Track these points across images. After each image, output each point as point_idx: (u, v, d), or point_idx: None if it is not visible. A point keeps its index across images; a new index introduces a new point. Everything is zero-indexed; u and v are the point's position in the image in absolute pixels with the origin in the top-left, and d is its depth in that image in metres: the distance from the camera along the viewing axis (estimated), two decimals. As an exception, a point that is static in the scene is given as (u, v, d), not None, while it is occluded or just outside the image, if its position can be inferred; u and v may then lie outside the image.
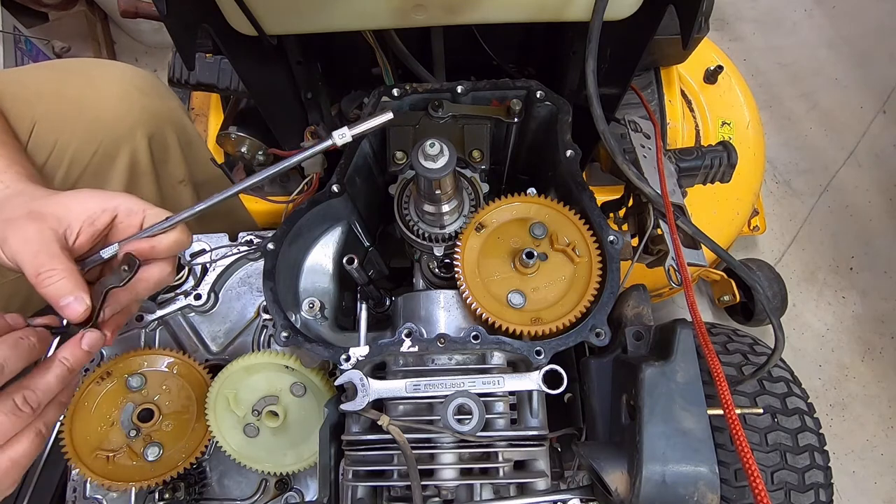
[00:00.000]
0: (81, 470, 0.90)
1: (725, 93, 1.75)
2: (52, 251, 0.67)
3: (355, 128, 0.75)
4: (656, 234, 0.88)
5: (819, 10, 2.57)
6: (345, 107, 1.35)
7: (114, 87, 1.05)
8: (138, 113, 1.07)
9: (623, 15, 0.89)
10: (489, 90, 0.94)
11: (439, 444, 0.79)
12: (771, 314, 0.82)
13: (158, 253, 0.75)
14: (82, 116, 1.02)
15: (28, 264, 0.67)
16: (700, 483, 0.67)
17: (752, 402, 1.03)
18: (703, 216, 1.63)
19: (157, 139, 1.12)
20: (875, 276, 2.13)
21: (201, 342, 1.05)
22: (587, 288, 0.81)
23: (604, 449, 0.75)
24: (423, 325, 0.86)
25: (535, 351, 0.77)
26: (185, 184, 1.23)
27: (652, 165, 0.92)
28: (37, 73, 1.05)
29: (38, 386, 0.62)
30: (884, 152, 2.31)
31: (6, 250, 0.69)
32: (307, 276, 0.96)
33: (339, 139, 0.75)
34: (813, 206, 2.24)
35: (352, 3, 0.85)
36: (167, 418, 0.95)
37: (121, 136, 1.06)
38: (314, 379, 0.93)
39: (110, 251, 0.73)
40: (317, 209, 0.90)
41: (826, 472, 1.01)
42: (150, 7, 1.27)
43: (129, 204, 0.74)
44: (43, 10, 2.19)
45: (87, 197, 0.74)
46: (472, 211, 0.90)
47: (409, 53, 1.09)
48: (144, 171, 1.11)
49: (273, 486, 1.00)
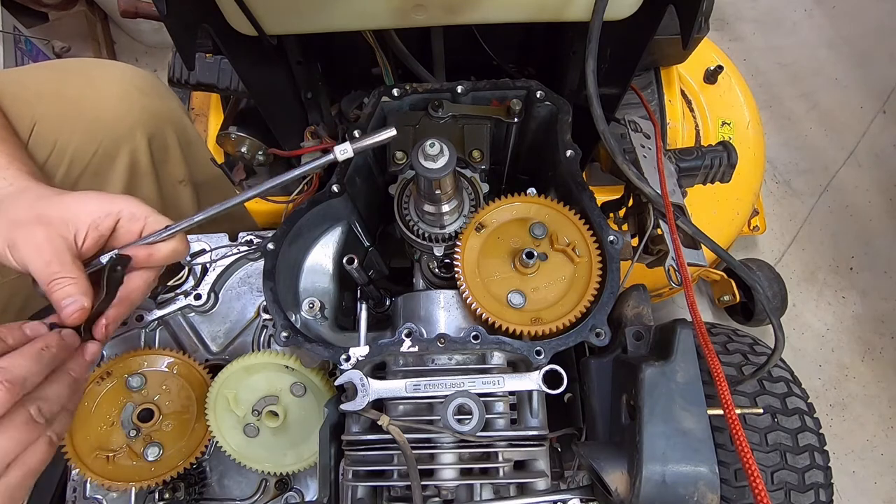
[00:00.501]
0: (81, 470, 0.91)
1: (725, 93, 1.75)
2: (65, 259, 0.69)
3: (357, 143, 0.75)
4: (656, 234, 0.88)
5: (819, 10, 2.57)
6: (345, 107, 1.35)
7: (114, 87, 1.05)
8: (138, 113, 1.07)
9: (623, 15, 0.89)
10: (489, 90, 0.94)
11: (439, 444, 0.79)
12: (771, 314, 0.82)
13: (155, 261, 0.76)
14: (82, 116, 1.02)
15: (42, 272, 0.68)
16: (700, 483, 0.67)
17: (752, 402, 1.03)
18: (703, 216, 1.63)
19: (157, 139, 1.12)
20: (875, 276, 2.13)
21: (201, 342, 1.05)
22: (587, 288, 0.81)
23: (604, 449, 0.75)
24: (423, 325, 0.86)
25: (535, 351, 0.77)
26: (185, 184, 1.22)
27: (652, 165, 0.92)
28: (37, 73, 1.05)
29: (50, 397, 0.62)
30: (884, 152, 2.31)
31: (15, 255, 0.70)
32: (307, 276, 0.96)
33: (340, 154, 0.76)
34: (813, 206, 2.24)
35: (352, 3, 0.85)
36: (167, 418, 0.95)
37: (121, 136, 1.06)
38: (314, 379, 0.93)
39: (109, 257, 0.73)
40: (317, 209, 0.90)
41: (826, 472, 1.01)
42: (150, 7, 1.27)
43: (131, 209, 0.75)
44: (43, 10, 2.19)
45: (92, 200, 0.74)
46: (472, 211, 0.90)
47: (409, 53, 1.09)
48: (144, 171, 1.11)
49: (273, 486, 1.00)
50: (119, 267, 0.72)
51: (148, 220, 0.75)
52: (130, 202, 0.75)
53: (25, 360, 0.60)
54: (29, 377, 0.60)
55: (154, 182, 1.14)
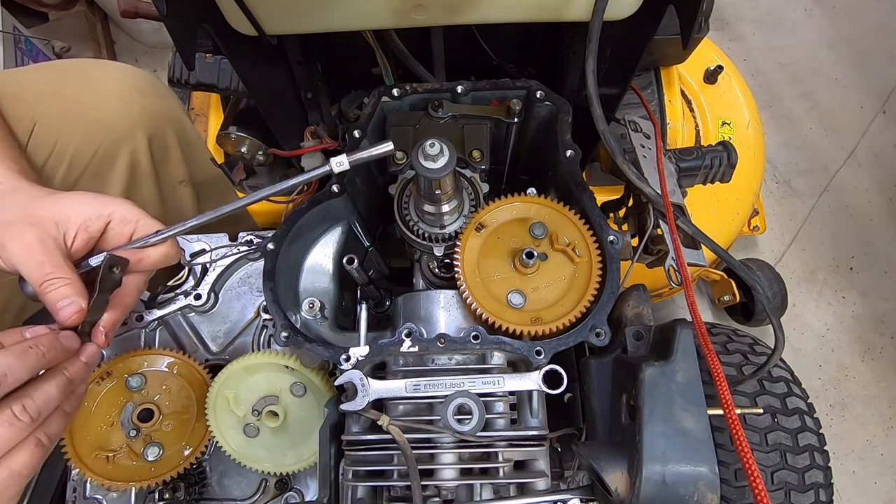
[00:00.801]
0: (81, 470, 0.90)
1: (725, 93, 1.75)
2: (56, 261, 0.68)
3: (354, 155, 0.76)
4: (656, 234, 0.88)
5: (819, 10, 2.57)
6: (345, 107, 1.35)
7: (114, 87, 1.05)
8: (138, 113, 1.07)
9: (623, 15, 0.89)
10: (489, 90, 0.94)
11: (439, 444, 0.79)
12: (771, 314, 0.82)
13: (145, 265, 0.75)
14: (82, 117, 1.02)
15: (34, 272, 0.67)
16: (700, 483, 0.67)
17: (752, 402, 1.03)
18: (703, 216, 1.63)
19: (158, 139, 1.12)
20: (875, 276, 2.13)
21: (201, 342, 1.05)
22: (587, 288, 0.81)
23: (604, 449, 0.75)
24: (423, 325, 0.86)
25: (535, 351, 0.77)
26: (185, 184, 1.22)
27: (652, 165, 0.92)
28: (37, 74, 1.05)
29: (36, 395, 0.61)
30: (884, 152, 2.31)
31: (4, 255, 0.69)
32: (307, 276, 0.96)
33: (336, 166, 0.76)
34: (813, 206, 2.24)
35: (352, 3, 0.85)
36: (167, 418, 0.95)
37: (121, 136, 1.05)
38: (314, 379, 0.93)
39: (99, 259, 0.72)
40: (317, 209, 0.90)
41: (826, 472, 1.01)
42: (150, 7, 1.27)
43: (123, 211, 0.74)
44: (43, 10, 2.19)
45: (84, 201, 0.74)
46: (472, 211, 0.90)
47: (409, 53, 1.09)
48: (145, 171, 1.11)
49: (273, 486, 1.00)
50: (116, 269, 0.71)
51: (139, 223, 0.75)
52: (122, 205, 0.75)
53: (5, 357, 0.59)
54: (10, 373, 0.58)
55: (154, 182, 1.14)
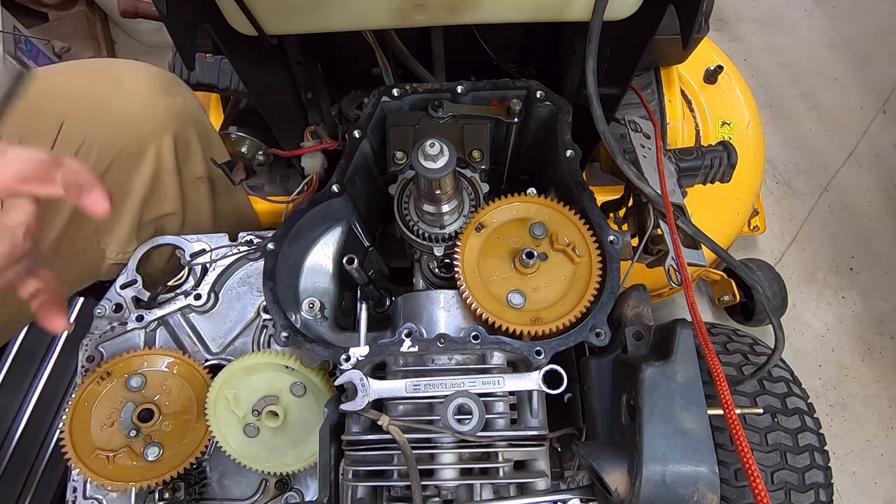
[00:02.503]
0: (81, 470, 0.91)
1: (725, 93, 1.75)
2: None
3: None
4: (656, 234, 0.88)
5: (819, 10, 2.57)
6: (345, 107, 1.35)
7: (141, 87, 1.07)
8: (163, 113, 1.08)
9: (623, 15, 0.89)
10: (489, 90, 0.94)
11: (439, 444, 0.79)
12: (771, 314, 0.82)
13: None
14: (110, 116, 1.04)
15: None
16: (700, 483, 0.67)
17: (752, 402, 1.03)
18: (703, 216, 1.63)
19: (181, 138, 1.13)
20: (875, 276, 2.13)
21: (201, 342, 1.05)
22: (587, 288, 0.81)
23: (604, 449, 0.75)
24: (423, 325, 0.86)
25: (535, 351, 0.77)
26: (203, 180, 1.24)
27: (652, 165, 0.92)
28: (66, 72, 1.07)
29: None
30: (884, 152, 2.31)
31: None
32: (307, 276, 0.96)
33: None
34: (813, 206, 2.24)
35: (352, 4, 0.85)
36: (167, 418, 0.95)
37: (147, 135, 1.07)
38: (314, 379, 0.93)
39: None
40: (317, 209, 0.90)
41: (826, 472, 1.01)
42: (150, 7, 1.27)
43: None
44: (43, 10, 2.19)
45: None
46: (472, 211, 0.90)
47: (409, 53, 1.09)
48: (169, 168, 1.13)
49: (273, 486, 1.00)
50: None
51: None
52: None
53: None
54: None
55: (177, 180, 1.15)
